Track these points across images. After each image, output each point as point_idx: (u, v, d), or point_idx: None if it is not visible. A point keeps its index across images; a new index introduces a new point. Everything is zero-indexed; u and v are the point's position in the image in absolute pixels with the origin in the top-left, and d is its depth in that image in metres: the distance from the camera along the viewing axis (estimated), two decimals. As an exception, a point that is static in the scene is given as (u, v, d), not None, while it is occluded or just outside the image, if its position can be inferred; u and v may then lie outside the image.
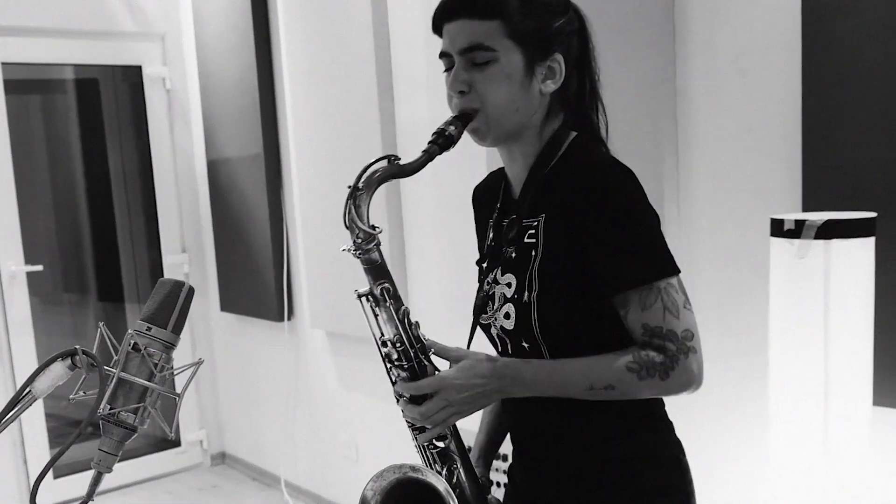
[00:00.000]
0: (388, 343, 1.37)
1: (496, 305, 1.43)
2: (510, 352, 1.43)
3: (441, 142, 1.33)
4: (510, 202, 1.48)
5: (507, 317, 1.40)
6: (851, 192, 2.00)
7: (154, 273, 4.83)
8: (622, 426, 1.41)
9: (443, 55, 1.39)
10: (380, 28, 3.19)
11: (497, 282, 1.44)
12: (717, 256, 2.31)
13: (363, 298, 1.37)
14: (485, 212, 1.57)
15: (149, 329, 1.07)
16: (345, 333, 3.67)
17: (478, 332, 1.52)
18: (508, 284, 1.40)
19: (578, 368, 1.32)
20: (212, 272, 4.73)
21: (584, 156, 1.39)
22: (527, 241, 1.39)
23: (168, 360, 1.09)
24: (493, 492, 1.55)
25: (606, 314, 1.34)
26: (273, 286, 4.09)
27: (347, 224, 1.34)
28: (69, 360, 1.06)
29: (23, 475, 4.23)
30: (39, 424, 4.28)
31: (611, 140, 1.46)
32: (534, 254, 1.37)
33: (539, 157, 1.41)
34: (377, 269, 1.36)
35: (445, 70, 1.39)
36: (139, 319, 1.08)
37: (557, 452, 1.45)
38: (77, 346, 1.05)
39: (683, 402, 2.40)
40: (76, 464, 4.26)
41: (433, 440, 1.40)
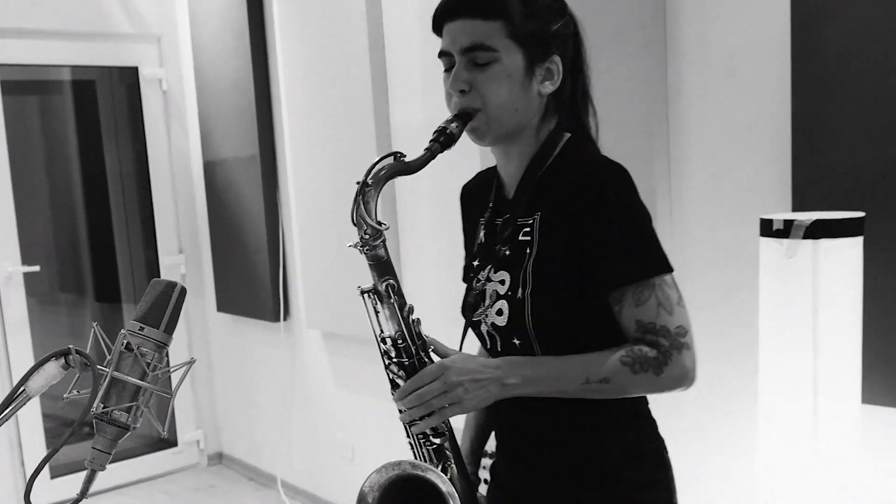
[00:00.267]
0: (389, 340, 1.37)
1: (488, 302, 1.44)
2: (499, 349, 1.44)
3: (443, 140, 1.34)
4: (503, 202, 1.49)
5: (500, 313, 1.41)
6: (840, 193, 2.02)
7: (151, 274, 4.84)
8: (607, 424, 1.43)
9: (442, 54, 1.39)
10: (374, 29, 3.20)
11: (490, 279, 1.45)
12: (709, 256, 2.33)
13: (366, 295, 1.38)
14: (474, 211, 1.58)
15: (141, 329, 1.08)
16: (341, 333, 3.68)
17: (469, 333, 1.53)
18: (502, 282, 1.42)
19: (574, 363, 1.34)
20: (208, 273, 4.74)
21: (579, 156, 1.40)
22: (521, 240, 1.40)
23: (161, 360, 1.10)
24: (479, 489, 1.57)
25: (599, 311, 1.36)
26: (269, 286, 4.10)
27: (355, 220, 1.34)
28: (63, 360, 1.07)
29: (20, 476, 4.23)
30: (36, 425, 4.29)
31: (604, 139, 1.48)
32: (528, 251, 1.38)
33: (535, 158, 1.42)
34: (383, 266, 1.37)
35: (445, 70, 1.39)
36: (132, 319, 1.09)
37: (542, 450, 1.46)
38: (70, 346, 1.07)
39: (675, 402, 2.41)
40: (73, 464, 4.27)
41: (430, 437, 1.40)
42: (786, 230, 1.78)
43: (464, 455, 1.58)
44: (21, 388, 1.05)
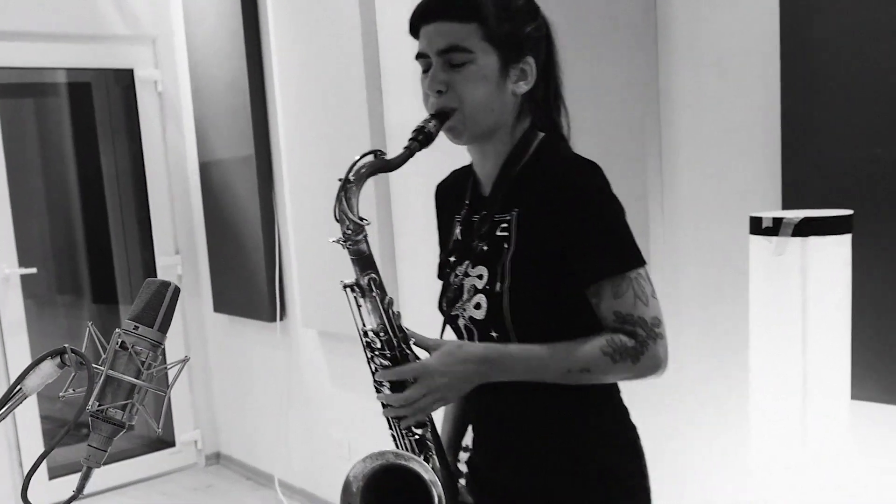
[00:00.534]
0: (372, 333, 1.40)
1: (465, 297, 1.47)
2: (476, 342, 1.48)
3: (421, 138, 1.38)
4: (480, 199, 1.52)
5: (478, 307, 1.45)
6: (830, 191, 2.04)
7: (147, 275, 4.84)
8: (581, 412, 1.47)
9: (419, 56, 1.44)
10: (368, 29, 3.22)
11: (468, 274, 1.48)
12: (701, 254, 2.34)
13: (348, 289, 1.41)
14: (449, 208, 1.62)
15: (136, 328, 1.09)
16: (337, 333, 3.70)
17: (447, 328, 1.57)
18: (480, 276, 1.45)
19: (556, 352, 1.37)
20: (205, 273, 4.75)
21: (554, 154, 1.45)
22: (499, 235, 1.44)
23: (155, 359, 1.11)
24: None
25: (575, 304, 1.40)
26: (265, 287, 4.12)
27: (338, 216, 1.38)
28: (59, 359, 1.08)
29: (18, 476, 4.24)
30: (34, 426, 4.30)
31: (597, 139, 1.51)
32: (506, 247, 1.42)
33: (510, 156, 1.46)
34: (364, 260, 1.40)
35: (423, 71, 1.44)
36: (126, 319, 1.11)
37: (518, 439, 1.50)
38: (66, 345, 1.08)
39: (669, 400, 2.43)
40: (71, 465, 4.28)
41: (412, 428, 1.44)
42: (775, 228, 1.80)
43: (445, 446, 1.61)
44: (17, 387, 1.07)
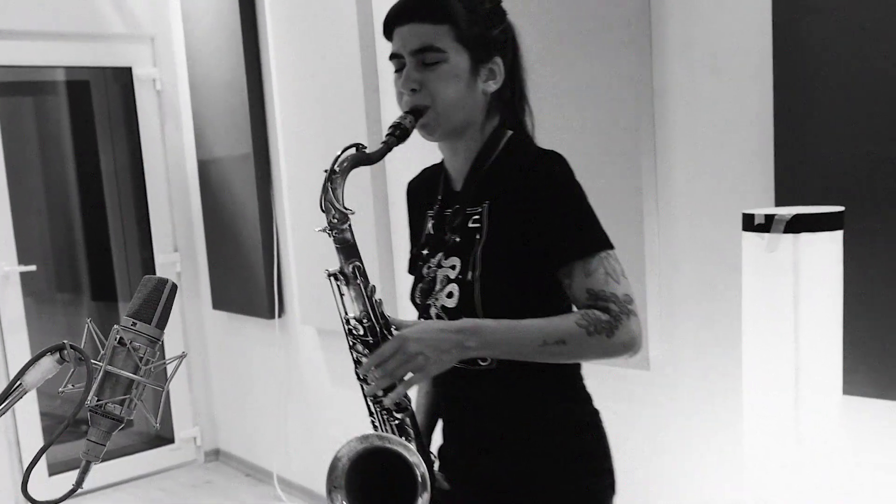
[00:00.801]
0: (354, 320, 1.46)
1: (438, 287, 1.53)
2: None
3: (398, 133, 1.44)
4: (451, 194, 1.59)
5: (450, 296, 1.50)
6: (822, 188, 2.05)
7: (146, 272, 4.86)
8: (548, 398, 1.54)
9: (393, 57, 1.50)
10: (365, 28, 3.24)
11: (441, 266, 1.54)
12: (695, 251, 2.36)
13: (332, 278, 1.47)
14: (421, 204, 1.69)
15: (134, 324, 1.11)
16: (335, 330, 3.67)
17: None
18: (452, 267, 1.51)
19: (532, 325, 1.41)
20: (203, 271, 4.77)
21: (523, 150, 1.53)
22: (471, 227, 1.51)
23: (153, 355, 1.13)
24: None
25: (544, 291, 1.46)
26: (264, 284, 4.14)
27: (324, 206, 1.45)
28: (58, 355, 1.10)
29: (18, 473, 4.27)
30: (34, 423, 4.32)
31: (593, 137, 1.53)
32: (478, 237, 1.49)
33: (481, 152, 1.53)
34: (349, 249, 1.46)
35: (396, 71, 1.50)
36: (125, 315, 1.13)
37: (489, 424, 1.56)
38: (65, 341, 1.10)
39: (663, 398, 2.45)
40: (71, 461, 4.31)
41: (392, 413, 1.49)
42: (767, 225, 1.81)
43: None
44: (18, 382, 1.09)
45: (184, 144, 4.73)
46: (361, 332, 1.45)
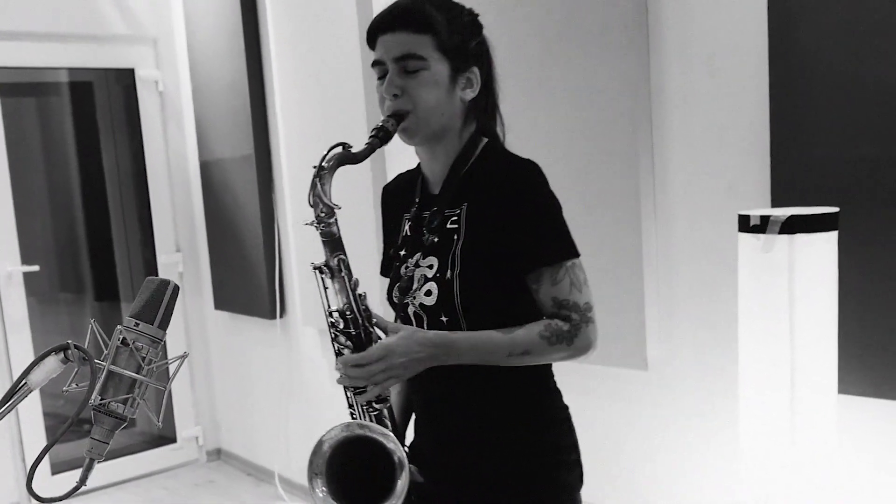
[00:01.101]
0: (337, 313, 1.53)
1: (416, 286, 1.59)
2: (426, 327, 1.58)
3: (381, 135, 1.52)
4: (429, 197, 1.65)
5: (429, 294, 1.56)
6: (818, 189, 2.07)
7: (148, 272, 4.88)
8: (520, 394, 1.60)
9: (376, 64, 1.57)
10: (366, 30, 3.25)
11: (419, 265, 1.60)
12: (692, 251, 2.37)
13: (317, 270, 1.54)
14: (397, 208, 1.75)
15: (136, 325, 1.13)
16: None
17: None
18: (430, 266, 1.58)
19: (500, 338, 1.50)
20: (205, 271, 4.79)
21: (499, 156, 1.60)
22: (449, 228, 1.57)
23: (155, 354, 1.15)
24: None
25: (518, 288, 1.53)
26: (265, 284, 4.16)
27: (312, 201, 1.51)
28: (62, 354, 1.12)
29: (21, 472, 4.28)
30: (37, 422, 4.34)
31: (590, 138, 1.55)
32: (456, 237, 1.55)
33: (459, 157, 1.60)
34: (335, 242, 1.54)
35: (378, 78, 1.56)
36: (128, 316, 1.15)
37: (463, 421, 1.61)
38: (69, 341, 1.12)
39: (660, 397, 2.46)
40: (74, 460, 4.33)
41: (373, 403, 1.55)
42: (762, 225, 1.83)
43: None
44: (22, 382, 1.11)
45: (186, 145, 4.74)
46: (343, 325, 1.52)
